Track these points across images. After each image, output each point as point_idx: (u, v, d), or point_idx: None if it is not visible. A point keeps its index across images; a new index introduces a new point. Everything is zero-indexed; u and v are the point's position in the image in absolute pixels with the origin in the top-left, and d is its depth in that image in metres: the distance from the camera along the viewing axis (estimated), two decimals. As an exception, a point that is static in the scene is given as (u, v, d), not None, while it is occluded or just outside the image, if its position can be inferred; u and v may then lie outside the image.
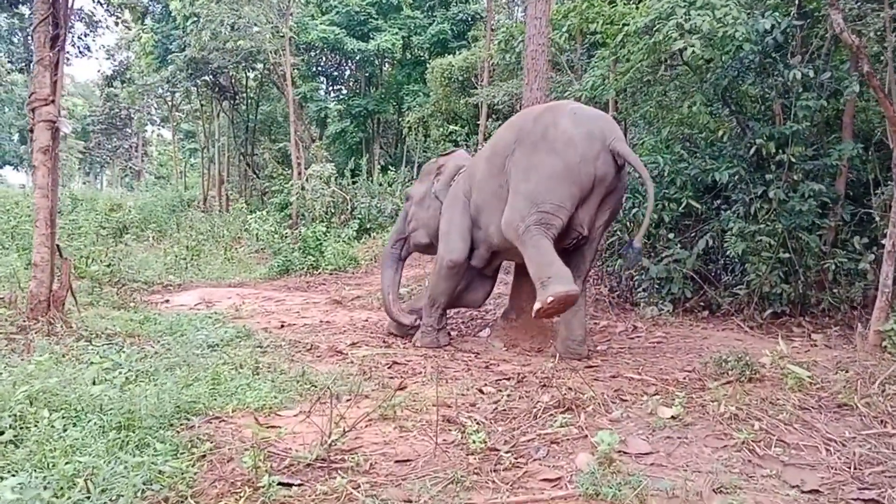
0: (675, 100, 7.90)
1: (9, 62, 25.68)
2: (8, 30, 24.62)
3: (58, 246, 6.25)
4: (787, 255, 6.78)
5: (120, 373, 4.18)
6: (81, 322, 6.14)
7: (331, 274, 11.63)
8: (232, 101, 24.92)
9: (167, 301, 8.50)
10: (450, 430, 3.74)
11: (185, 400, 4.00)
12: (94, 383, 3.98)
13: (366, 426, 3.84)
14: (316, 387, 4.62)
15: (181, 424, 3.75)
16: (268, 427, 3.85)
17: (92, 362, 4.27)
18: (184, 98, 27.99)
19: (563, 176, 5.13)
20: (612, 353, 5.89)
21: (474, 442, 3.43)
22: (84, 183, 51.55)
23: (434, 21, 21.49)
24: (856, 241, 6.85)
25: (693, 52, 6.16)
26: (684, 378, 4.82)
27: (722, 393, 3.99)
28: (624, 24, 7.32)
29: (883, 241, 5.73)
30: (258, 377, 4.68)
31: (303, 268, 11.74)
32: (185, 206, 21.58)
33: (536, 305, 4.98)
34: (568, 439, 3.54)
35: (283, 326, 7.06)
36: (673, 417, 3.76)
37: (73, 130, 40.42)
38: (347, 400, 4.41)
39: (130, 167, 45.31)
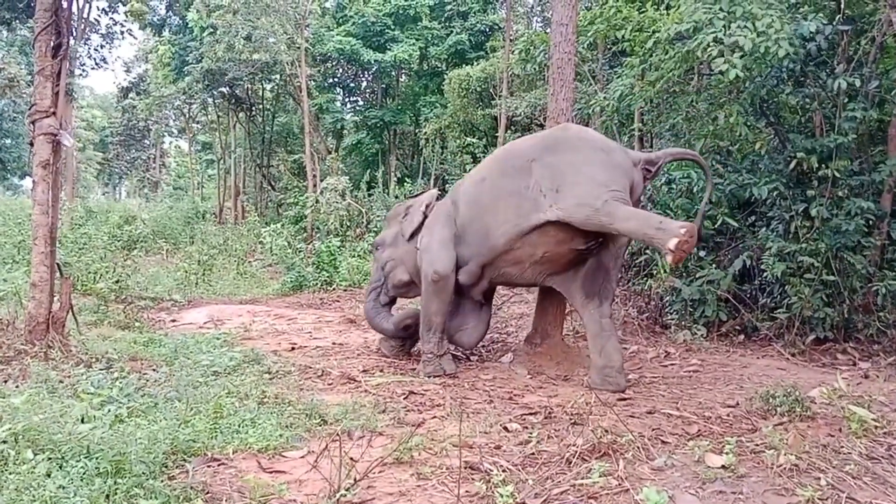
0: (704, 111, 7.48)
1: (28, 75, 25.70)
2: (25, 42, 24.61)
3: (58, 264, 5.95)
4: (830, 276, 6.33)
5: (109, 410, 3.82)
6: (82, 345, 5.83)
7: (345, 290, 11.26)
8: (248, 113, 24.78)
9: (174, 320, 8.18)
10: (473, 478, 3.34)
11: (182, 439, 3.65)
12: (82, 421, 3.64)
13: (379, 472, 3.46)
14: (326, 422, 4.26)
15: (176, 468, 3.40)
16: (271, 472, 3.49)
17: (80, 397, 3.93)
18: (200, 109, 27.90)
19: (615, 167, 5.19)
20: (645, 382, 5.47)
21: (501, 496, 3.05)
22: (103, 194, 51.80)
23: (452, 32, 21.21)
24: (903, 262, 6.43)
25: (736, 74, 5.73)
26: (728, 415, 4.41)
27: (778, 438, 3.57)
28: (654, 31, 6.92)
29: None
30: (264, 410, 4.31)
31: (316, 284, 11.38)
32: (199, 218, 21.35)
33: (672, 244, 4.55)
34: (607, 493, 3.14)
35: (293, 349, 6.70)
36: (724, 467, 3.34)
37: (91, 142, 40.59)
38: (360, 437, 4.05)
39: (148, 178, 45.42)
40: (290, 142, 26.63)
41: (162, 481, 3.16)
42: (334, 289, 11.37)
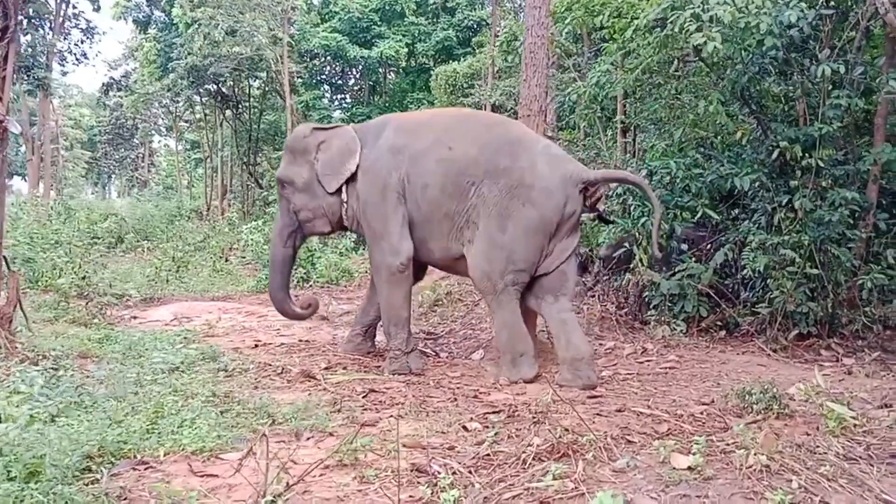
0: (687, 100, 7.25)
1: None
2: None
3: (5, 258, 5.67)
4: (814, 270, 6.09)
5: (31, 407, 3.55)
6: (30, 342, 5.55)
7: (322, 287, 10.99)
8: (235, 111, 24.46)
9: (135, 317, 7.89)
10: (419, 482, 3.09)
11: (110, 440, 3.38)
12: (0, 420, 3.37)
13: (320, 475, 3.20)
14: (275, 422, 4.00)
15: (99, 472, 3.13)
16: (202, 475, 3.22)
17: (-1, 395, 3.67)
18: (187, 107, 27.58)
19: (538, 229, 5.06)
20: (618, 379, 5.22)
21: (445, 501, 2.79)
22: (92, 193, 51.38)
23: (438, 28, 20.99)
24: (889, 255, 6.19)
25: (714, 47, 5.48)
26: (702, 413, 4.15)
27: (749, 436, 3.32)
28: (633, 17, 6.68)
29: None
30: (207, 410, 4.04)
31: (293, 280, 11.10)
32: (182, 216, 21.03)
33: (503, 380, 5.11)
34: (561, 497, 2.89)
35: (256, 346, 6.44)
36: (690, 468, 3.09)
37: (79, 140, 40.19)
38: (308, 439, 3.79)
39: (137, 177, 45.06)
40: (278, 139, 26.31)
41: (78, 487, 2.90)
42: (311, 286, 11.10)
